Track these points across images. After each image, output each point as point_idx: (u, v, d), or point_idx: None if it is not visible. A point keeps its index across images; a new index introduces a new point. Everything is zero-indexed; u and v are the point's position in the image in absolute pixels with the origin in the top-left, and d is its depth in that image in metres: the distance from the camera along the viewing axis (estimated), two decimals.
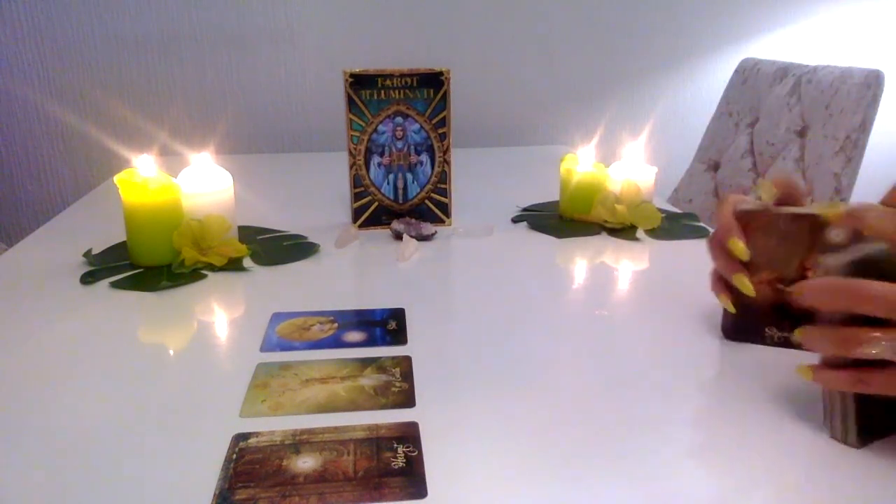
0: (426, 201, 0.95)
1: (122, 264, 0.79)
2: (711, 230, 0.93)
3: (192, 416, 0.50)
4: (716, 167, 1.44)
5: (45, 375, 0.56)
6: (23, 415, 0.50)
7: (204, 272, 0.77)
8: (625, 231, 0.92)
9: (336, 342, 0.61)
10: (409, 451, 0.45)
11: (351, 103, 0.89)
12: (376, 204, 0.94)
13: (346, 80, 0.88)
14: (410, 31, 1.54)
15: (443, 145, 0.93)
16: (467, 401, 0.52)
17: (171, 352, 0.62)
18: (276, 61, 1.52)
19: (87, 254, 0.81)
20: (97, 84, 1.47)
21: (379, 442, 0.46)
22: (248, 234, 0.88)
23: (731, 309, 0.57)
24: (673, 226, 0.95)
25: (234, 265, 0.80)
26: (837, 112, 1.17)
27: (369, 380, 0.54)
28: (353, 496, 0.41)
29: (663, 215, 0.95)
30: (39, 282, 0.75)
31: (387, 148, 0.92)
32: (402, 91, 0.90)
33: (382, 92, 0.90)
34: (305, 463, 0.44)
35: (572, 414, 0.50)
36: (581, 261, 0.86)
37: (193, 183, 0.82)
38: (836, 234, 0.45)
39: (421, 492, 0.41)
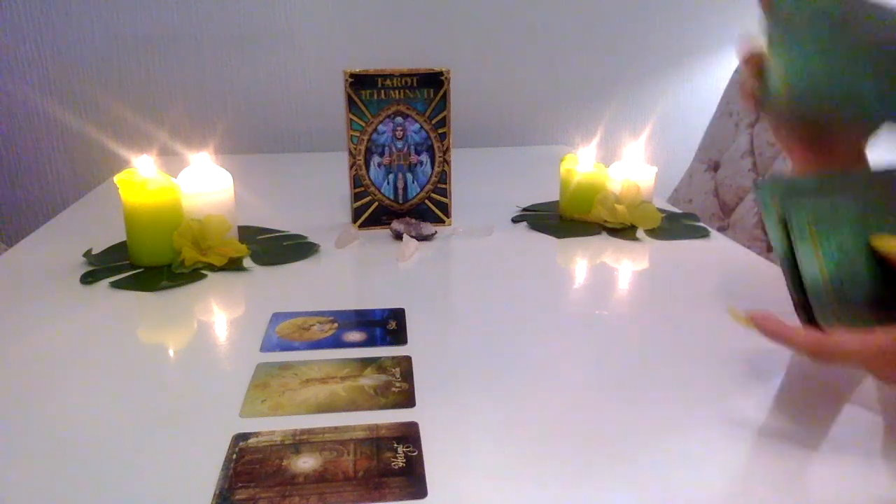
0: (426, 201, 0.95)
1: (122, 264, 0.79)
2: (711, 230, 0.93)
3: (192, 416, 0.50)
4: (716, 167, 1.44)
5: (45, 375, 0.56)
6: (23, 415, 0.50)
7: (204, 272, 0.77)
8: (625, 231, 0.92)
9: (336, 342, 0.61)
10: (409, 451, 0.45)
11: (351, 103, 0.89)
12: (376, 204, 0.94)
13: (346, 80, 0.88)
14: (410, 31, 1.54)
15: (443, 145, 0.93)
16: (467, 401, 0.52)
17: (172, 352, 0.62)
18: (276, 61, 1.52)
19: (87, 254, 0.81)
20: (97, 84, 1.47)
21: (379, 442, 0.46)
22: (248, 234, 0.88)
23: None
24: (673, 226, 0.95)
25: (234, 265, 0.80)
26: None
27: (369, 380, 0.54)
28: (353, 496, 0.41)
29: (663, 215, 0.95)
30: (39, 282, 0.75)
31: (387, 148, 0.92)
32: (402, 91, 0.90)
33: (382, 92, 0.90)
34: (305, 463, 0.44)
35: (572, 414, 0.50)
36: (581, 261, 0.86)
37: (193, 183, 0.82)
38: None
39: (421, 492, 0.41)
